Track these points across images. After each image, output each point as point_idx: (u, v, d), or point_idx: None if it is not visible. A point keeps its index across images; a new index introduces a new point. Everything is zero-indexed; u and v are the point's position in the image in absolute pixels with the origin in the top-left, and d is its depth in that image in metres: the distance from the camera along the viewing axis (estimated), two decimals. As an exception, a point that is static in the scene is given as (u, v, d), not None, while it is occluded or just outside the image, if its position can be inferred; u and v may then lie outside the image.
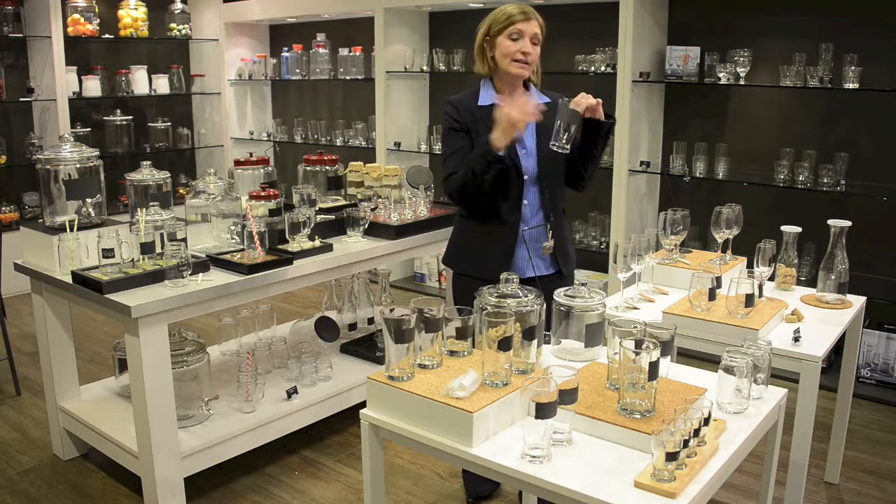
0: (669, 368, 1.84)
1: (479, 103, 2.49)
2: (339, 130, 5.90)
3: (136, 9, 6.04)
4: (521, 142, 2.48)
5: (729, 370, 1.73)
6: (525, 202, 2.50)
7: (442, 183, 2.53)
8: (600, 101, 2.36)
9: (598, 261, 4.66)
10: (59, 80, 5.46)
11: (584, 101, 2.32)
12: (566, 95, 2.45)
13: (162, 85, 6.27)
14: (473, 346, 1.86)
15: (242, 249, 2.89)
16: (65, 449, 3.13)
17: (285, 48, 6.16)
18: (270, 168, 3.65)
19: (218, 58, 6.47)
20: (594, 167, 2.53)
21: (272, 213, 3.03)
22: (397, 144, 5.37)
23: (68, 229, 2.77)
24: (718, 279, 2.46)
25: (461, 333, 1.84)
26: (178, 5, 6.36)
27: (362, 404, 1.81)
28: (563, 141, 2.29)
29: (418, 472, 3.05)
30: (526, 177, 2.48)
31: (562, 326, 1.98)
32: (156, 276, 2.59)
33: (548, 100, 2.51)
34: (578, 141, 2.47)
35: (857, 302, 2.63)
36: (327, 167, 3.54)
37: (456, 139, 2.49)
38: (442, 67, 5.20)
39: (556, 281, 2.49)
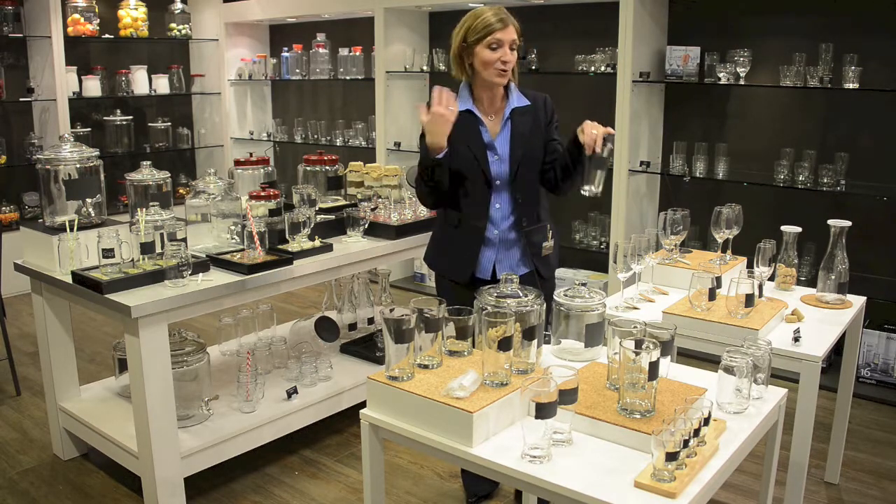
0: (669, 368, 1.84)
1: None
2: (339, 130, 5.90)
3: (136, 9, 6.03)
4: (493, 148, 2.48)
5: (729, 370, 1.74)
6: (497, 206, 2.50)
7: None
8: (609, 130, 2.28)
9: (598, 261, 4.66)
10: (59, 80, 5.46)
11: (592, 132, 2.24)
12: (544, 94, 2.49)
13: (162, 85, 6.27)
14: (473, 346, 1.86)
15: (242, 249, 2.89)
16: (65, 449, 3.13)
17: (285, 48, 6.16)
18: (270, 168, 3.65)
19: (218, 58, 6.47)
20: (568, 182, 2.49)
21: (272, 213, 3.03)
22: (397, 144, 5.37)
23: (68, 229, 2.77)
24: (718, 279, 2.46)
25: (461, 333, 1.84)
26: (178, 5, 6.36)
27: (362, 404, 1.81)
28: (594, 186, 2.24)
29: (418, 472, 3.05)
30: (498, 182, 2.48)
31: (562, 326, 1.98)
32: (156, 276, 2.59)
33: (527, 102, 2.52)
34: (558, 146, 2.49)
35: (857, 302, 2.63)
36: (327, 167, 3.54)
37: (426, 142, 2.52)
38: (442, 67, 5.20)
39: (530, 281, 2.48)
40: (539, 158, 2.51)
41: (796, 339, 2.23)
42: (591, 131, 2.25)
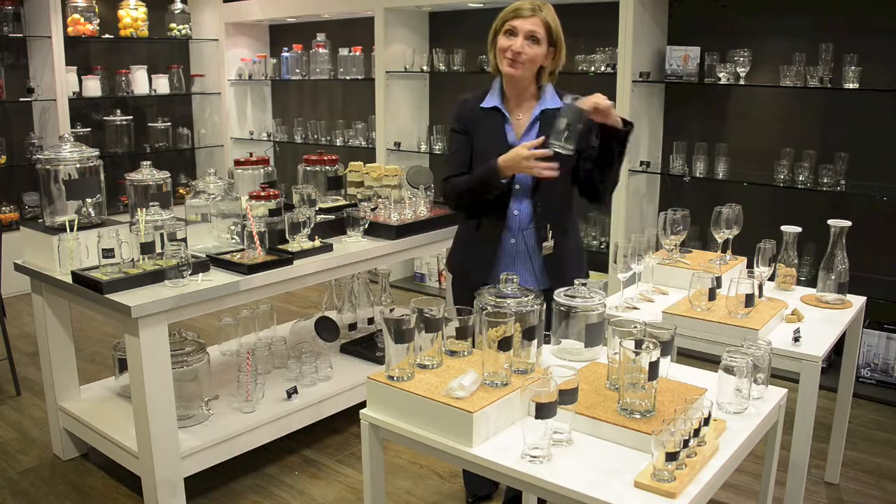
0: (669, 368, 1.84)
1: (482, 105, 2.45)
2: (339, 130, 5.90)
3: (136, 9, 6.04)
4: None
5: (729, 370, 1.73)
6: (515, 213, 2.43)
7: (441, 182, 2.52)
8: (612, 104, 2.20)
9: (598, 261, 4.66)
10: (59, 80, 5.46)
11: (592, 100, 2.18)
12: (576, 94, 2.37)
13: (162, 85, 6.27)
14: (473, 346, 1.86)
15: (242, 249, 2.89)
16: (65, 449, 3.13)
17: (285, 48, 6.16)
18: (270, 168, 3.65)
19: (218, 58, 6.47)
20: (610, 179, 2.38)
21: (272, 213, 3.03)
22: (397, 144, 5.37)
23: (68, 229, 2.77)
24: (718, 279, 2.46)
25: (461, 333, 1.84)
26: (178, 5, 6.36)
27: (362, 404, 1.81)
28: (563, 140, 2.16)
29: (418, 472, 3.05)
30: (517, 186, 2.39)
31: (562, 326, 1.98)
32: (156, 276, 2.59)
33: (560, 105, 2.33)
34: (595, 152, 2.35)
35: (857, 302, 2.63)
36: (327, 167, 3.54)
37: (455, 141, 2.50)
38: (442, 67, 5.19)
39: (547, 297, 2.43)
40: (567, 166, 2.36)
41: (796, 339, 2.23)
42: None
